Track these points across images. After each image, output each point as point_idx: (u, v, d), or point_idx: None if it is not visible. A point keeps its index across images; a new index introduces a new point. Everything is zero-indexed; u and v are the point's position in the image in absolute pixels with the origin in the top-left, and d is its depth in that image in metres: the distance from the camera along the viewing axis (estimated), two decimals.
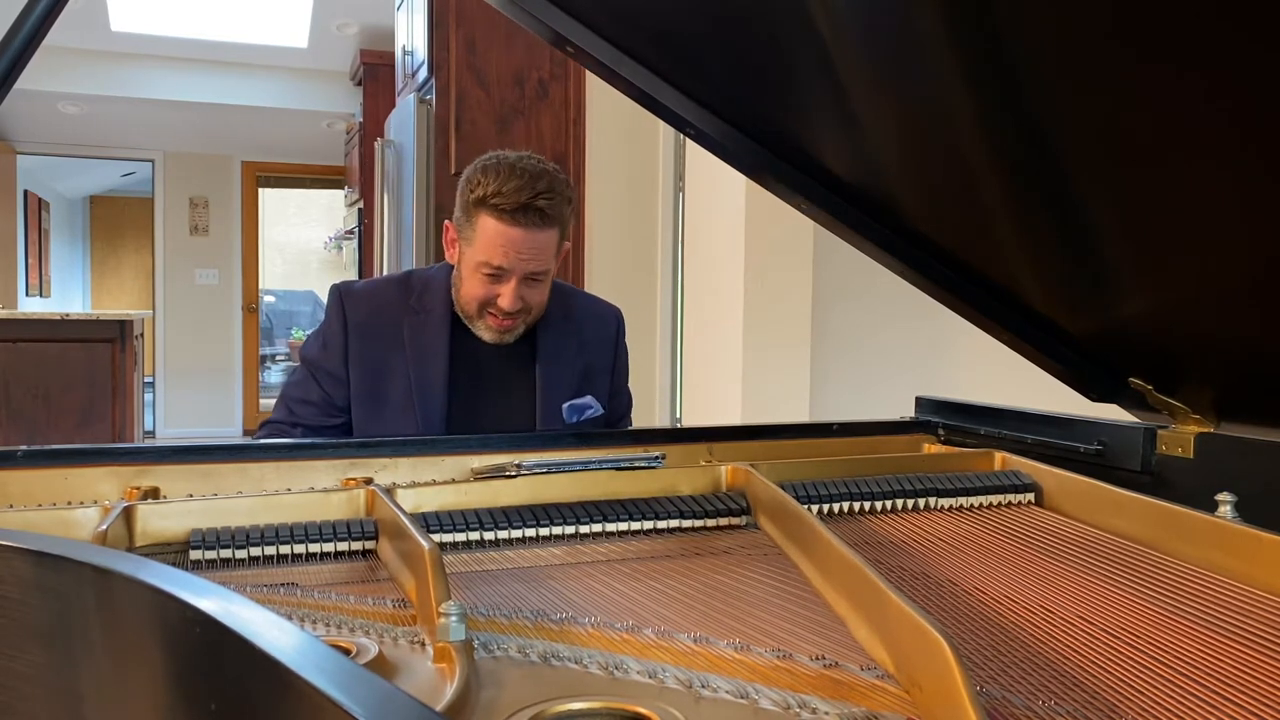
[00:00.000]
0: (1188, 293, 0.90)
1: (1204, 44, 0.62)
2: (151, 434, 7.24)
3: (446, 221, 1.51)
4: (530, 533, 0.96)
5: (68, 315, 4.73)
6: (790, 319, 2.81)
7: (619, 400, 1.65)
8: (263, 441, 1.18)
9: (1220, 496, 0.88)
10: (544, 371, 1.52)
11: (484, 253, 1.42)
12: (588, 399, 1.55)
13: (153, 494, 1.03)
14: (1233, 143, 0.68)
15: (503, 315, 1.46)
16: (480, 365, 1.52)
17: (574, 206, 1.48)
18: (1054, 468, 1.05)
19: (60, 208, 9.90)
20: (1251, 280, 0.82)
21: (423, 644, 0.69)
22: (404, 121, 3.76)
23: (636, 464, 1.06)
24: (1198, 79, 0.65)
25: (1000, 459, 1.13)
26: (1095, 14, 0.66)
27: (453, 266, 1.53)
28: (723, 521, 1.01)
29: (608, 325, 1.63)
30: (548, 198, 1.40)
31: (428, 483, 1.07)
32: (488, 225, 1.41)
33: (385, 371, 1.50)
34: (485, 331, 1.49)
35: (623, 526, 0.98)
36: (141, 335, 5.00)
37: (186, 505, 0.94)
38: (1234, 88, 0.64)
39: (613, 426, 1.63)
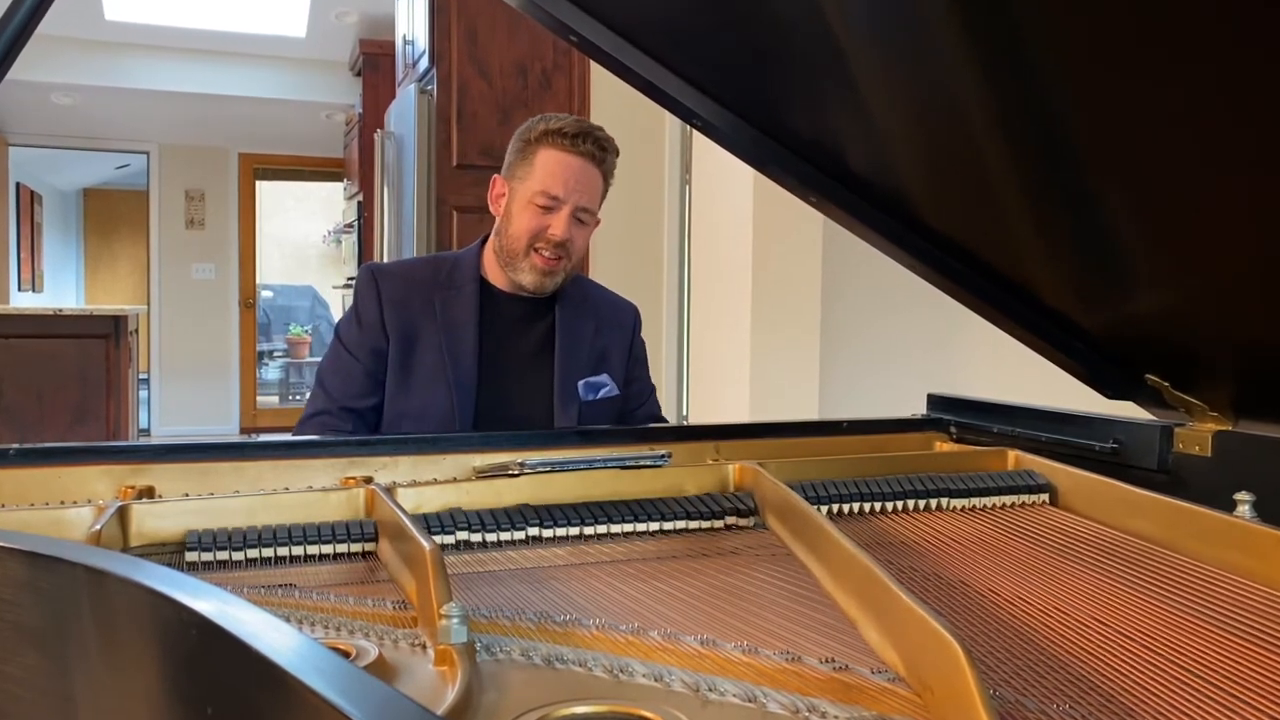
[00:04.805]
0: (1205, 288, 0.89)
1: (1227, 37, 0.61)
2: (146, 432, 7.23)
3: (495, 176, 1.60)
4: (534, 532, 0.95)
5: (61, 311, 4.68)
6: (798, 314, 2.81)
7: (637, 388, 1.70)
8: (260, 440, 1.17)
9: (1239, 496, 0.88)
10: (562, 347, 1.59)
11: (542, 183, 1.51)
12: (604, 377, 1.62)
13: (148, 493, 1.02)
14: (1253, 138, 0.67)
15: (550, 251, 1.52)
16: (504, 342, 1.59)
17: (613, 170, 1.57)
18: (1068, 466, 1.05)
19: (53, 201, 9.88)
20: (1270, 276, 0.81)
21: (424, 646, 0.68)
22: (404, 113, 3.74)
23: (642, 462, 1.05)
24: (1219, 74, 0.64)
25: (1014, 457, 1.12)
26: (1117, 6, 0.64)
27: (481, 243, 1.62)
28: (730, 521, 0.99)
29: (625, 314, 1.71)
30: (602, 133, 1.55)
31: (429, 481, 1.06)
32: (547, 156, 1.51)
33: (417, 343, 1.55)
34: (529, 274, 1.54)
35: (628, 528, 0.97)
36: (136, 331, 4.97)
37: (182, 505, 0.93)
38: (1258, 83, 0.62)
39: (631, 415, 1.67)
